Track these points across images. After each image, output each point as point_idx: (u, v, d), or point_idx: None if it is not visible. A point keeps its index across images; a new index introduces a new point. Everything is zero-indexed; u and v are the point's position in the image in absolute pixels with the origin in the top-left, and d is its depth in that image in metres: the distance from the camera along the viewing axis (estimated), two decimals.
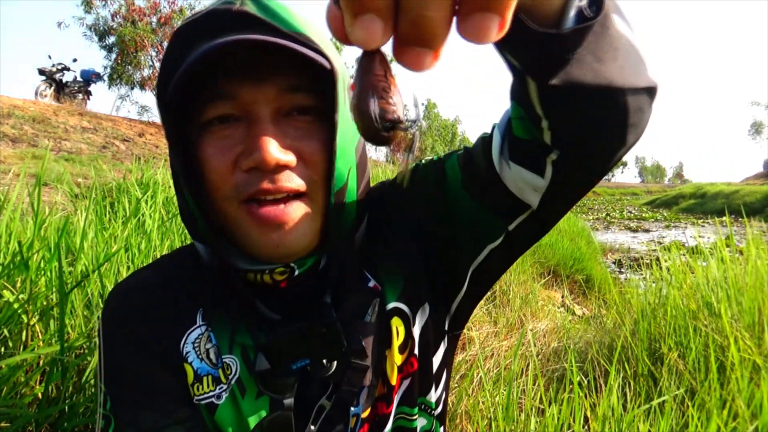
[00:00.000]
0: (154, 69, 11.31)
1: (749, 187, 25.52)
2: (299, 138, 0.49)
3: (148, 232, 1.48)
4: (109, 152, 7.68)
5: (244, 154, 0.47)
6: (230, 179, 0.48)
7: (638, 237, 11.56)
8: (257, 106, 0.47)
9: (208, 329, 0.54)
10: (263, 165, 0.46)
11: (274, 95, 0.47)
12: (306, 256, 0.52)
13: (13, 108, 7.79)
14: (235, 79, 0.47)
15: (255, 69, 0.47)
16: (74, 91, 10.84)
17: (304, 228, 0.49)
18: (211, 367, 0.53)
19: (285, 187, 0.47)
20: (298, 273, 0.52)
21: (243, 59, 0.46)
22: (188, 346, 0.53)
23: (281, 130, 0.48)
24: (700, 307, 1.85)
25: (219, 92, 0.47)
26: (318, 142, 0.49)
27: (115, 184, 2.55)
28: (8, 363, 0.85)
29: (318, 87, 0.49)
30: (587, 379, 1.69)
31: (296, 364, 0.50)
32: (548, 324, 2.50)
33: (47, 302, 1.02)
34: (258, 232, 0.48)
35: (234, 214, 0.49)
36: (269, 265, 0.51)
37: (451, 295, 0.60)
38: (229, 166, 0.47)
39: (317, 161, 0.49)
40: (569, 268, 4.87)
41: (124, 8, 10.89)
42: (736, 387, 1.34)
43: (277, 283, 0.52)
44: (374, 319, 0.55)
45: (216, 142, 0.48)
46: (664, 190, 51.78)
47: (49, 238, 1.15)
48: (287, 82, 0.48)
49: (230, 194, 0.48)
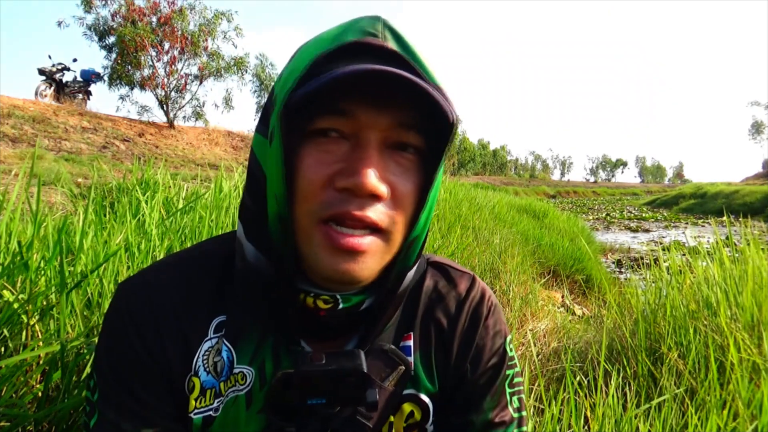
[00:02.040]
0: (153, 69, 11.31)
1: (749, 187, 25.52)
2: (397, 174, 0.49)
3: (148, 232, 1.48)
4: (109, 152, 7.68)
5: (342, 174, 0.46)
6: (320, 194, 0.47)
7: (638, 237, 11.57)
8: (370, 131, 0.47)
9: (220, 341, 0.53)
10: (359, 190, 0.45)
11: (388, 125, 0.47)
12: (354, 293, 0.52)
13: (13, 108, 7.80)
14: (353, 99, 0.47)
15: (375, 95, 0.47)
16: (74, 91, 10.85)
17: (374, 263, 0.49)
18: (215, 380, 0.53)
19: (369, 218, 0.47)
20: (342, 307, 0.52)
21: (368, 83, 0.45)
22: (200, 360, 0.53)
23: (383, 162, 0.48)
24: (699, 307, 1.85)
25: (337, 107, 0.47)
26: (413, 185, 0.50)
27: (115, 184, 2.55)
28: (8, 363, 0.85)
29: (430, 132, 0.50)
30: (587, 379, 1.69)
31: (312, 401, 0.49)
32: (548, 324, 2.50)
33: (47, 302, 1.02)
34: (329, 254, 0.47)
35: (310, 230, 0.48)
36: (320, 290, 0.51)
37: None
38: (324, 180, 0.47)
39: (406, 203, 0.49)
40: (569, 268, 4.87)
41: (124, 8, 10.88)
42: (736, 387, 1.34)
43: (318, 310, 0.52)
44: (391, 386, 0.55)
45: (318, 154, 0.47)
46: (664, 190, 51.79)
47: (48, 237, 1.15)
48: (404, 116, 0.48)
49: (315, 209, 0.47)
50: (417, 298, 0.61)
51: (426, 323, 0.61)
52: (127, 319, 0.52)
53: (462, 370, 0.60)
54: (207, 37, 11.75)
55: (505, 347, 0.63)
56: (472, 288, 0.64)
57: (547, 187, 55.00)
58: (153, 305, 0.53)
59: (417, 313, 0.61)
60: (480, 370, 0.61)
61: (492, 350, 0.62)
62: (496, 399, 0.61)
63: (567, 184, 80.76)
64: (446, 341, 0.60)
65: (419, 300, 0.61)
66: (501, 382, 0.61)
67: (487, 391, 0.60)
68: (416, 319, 0.60)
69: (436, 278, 0.64)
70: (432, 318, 0.61)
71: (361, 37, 0.48)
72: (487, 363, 0.61)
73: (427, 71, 0.49)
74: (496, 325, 0.63)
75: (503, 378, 0.62)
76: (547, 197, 34.65)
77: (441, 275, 0.64)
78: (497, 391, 0.61)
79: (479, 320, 0.62)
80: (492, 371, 0.61)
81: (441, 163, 0.50)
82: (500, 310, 0.65)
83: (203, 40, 11.71)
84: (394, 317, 0.58)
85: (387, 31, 0.49)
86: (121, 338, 0.52)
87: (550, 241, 5.45)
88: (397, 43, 0.49)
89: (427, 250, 0.74)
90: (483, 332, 0.62)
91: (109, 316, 0.54)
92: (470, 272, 0.66)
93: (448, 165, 48.17)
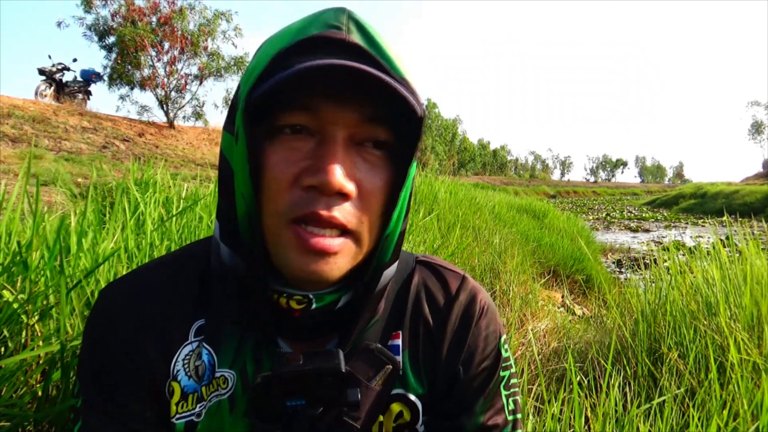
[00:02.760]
0: (153, 69, 11.31)
1: (749, 187, 25.52)
2: (365, 171, 0.48)
3: (148, 233, 1.48)
4: (109, 152, 7.68)
5: (308, 171, 0.45)
6: (287, 193, 0.46)
7: (638, 237, 11.57)
8: (335, 126, 0.46)
9: (200, 345, 0.53)
10: (325, 188, 0.44)
11: (354, 121, 0.46)
12: (327, 292, 0.51)
13: (13, 108, 7.79)
14: (317, 94, 0.46)
15: (339, 90, 0.45)
16: (74, 91, 10.84)
17: (345, 263, 0.48)
18: (197, 384, 0.52)
19: (337, 219, 0.46)
20: (315, 307, 0.51)
21: (331, 78, 0.44)
22: (179, 363, 0.52)
23: (350, 158, 0.47)
24: (700, 307, 1.85)
25: (299, 102, 0.46)
26: (382, 181, 0.49)
27: (115, 184, 2.55)
28: (8, 363, 0.85)
29: (397, 127, 0.48)
30: (587, 379, 1.69)
31: (292, 402, 0.48)
32: (548, 324, 2.50)
33: (47, 302, 1.02)
34: (299, 254, 0.46)
35: (279, 230, 0.47)
36: (292, 289, 0.50)
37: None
38: (291, 179, 0.46)
39: (375, 200, 0.48)
40: (569, 268, 4.87)
41: (124, 8, 10.87)
42: (736, 387, 1.34)
43: (292, 310, 0.51)
44: (378, 385, 0.54)
45: (283, 152, 0.46)
46: (664, 190, 51.77)
47: (48, 237, 1.15)
48: (370, 111, 0.47)
49: (283, 210, 0.46)
50: (405, 296, 0.60)
51: (415, 322, 0.59)
52: (108, 324, 0.52)
53: (453, 372, 0.59)
54: (207, 37, 11.75)
55: (500, 348, 0.61)
56: (463, 287, 0.62)
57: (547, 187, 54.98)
58: (133, 310, 0.52)
59: (405, 311, 0.59)
60: (472, 372, 0.59)
61: (485, 351, 0.60)
62: (489, 401, 0.59)
63: (567, 184, 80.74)
64: (435, 341, 0.59)
65: (407, 298, 0.60)
66: (495, 385, 0.60)
67: (480, 394, 0.59)
68: (405, 318, 0.59)
69: (424, 276, 0.62)
70: (421, 316, 0.59)
71: (323, 31, 0.46)
72: (480, 365, 0.59)
73: (392, 64, 0.47)
74: (489, 325, 0.61)
75: (497, 380, 0.60)
76: (547, 197, 34.65)
77: (430, 273, 0.63)
78: (490, 393, 0.59)
79: (471, 320, 0.60)
80: (485, 373, 0.59)
81: (412, 159, 0.48)
82: (494, 310, 0.63)
83: (203, 40, 11.71)
84: (378, 315, 0.57)
85: (352, 24, 0.47)
86: (103, 343, 0.52)
87: (550, 241, 5.45)
88: (362, 35, 0.47)
89: (427, 250, 0.74)
90: (475, 332, 0.60)
91: (90, 321, 0.53)
92: (461, 271, 0.64)
93: (448, 165, 47.98)
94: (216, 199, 0.52)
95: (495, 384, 0.60)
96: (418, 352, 0.58)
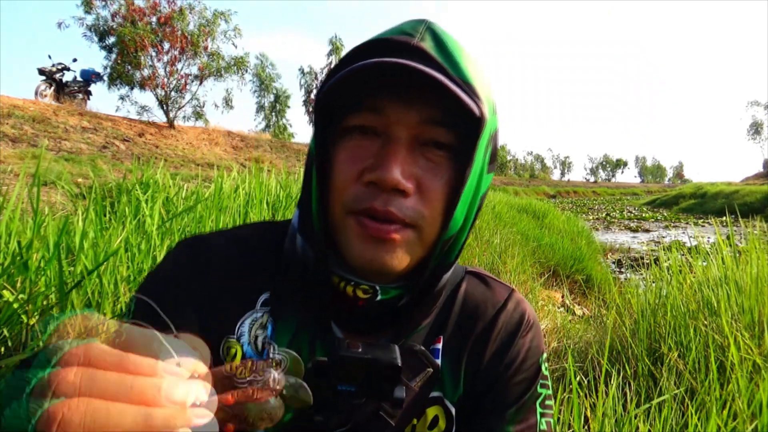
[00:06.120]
0: (153, 69, 11.31)
1: (749, 187, 25.53)
2: (426, 170, 0.50)
3: (148, 232, 1.48)
4: (109, 152, 7.68)
5: (370, 168, 0.48)
6: (352, 189, 0.49)
7: (638, 237, 11.57)
8: (398, 126, 0.48)
9: (265, 316, 0.55)
10: (382, 183, 0.47)
11: (416, 122, 0.48)
12: (393, 286, 0.53)
13: (13, 108, 7.79)
14: (382, 95, 0.48)
15: (401, 90, 0.48)
16: (74, 91, 10.85)
17: (404, 253, 0.50)
18: (255, 354, 0.53)
19: (393, 213, 0.48)
20: (380, 299, 0.53)
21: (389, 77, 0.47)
22: (244, 326, 0.54)
23: (412, 158, 0.49)
24: (700, 306, 1.85)
25: (366, 104, 0.49)
26: (442, 180, 0.50)
27: (115, 184, 2.55)
28: (8, 363, 0.85)
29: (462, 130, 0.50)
30: (587, 379, 1.69)
31: (343, 387, 0.48)
32: (548, 324, 2.50)
33: (47, 302, 1.02)
34: (360, 242, 0.49)
35: (343, 221, 0.50)
36: (360, 279, 0.52)
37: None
38: (355, 175, 0.49)
39: (434, 200, 0.50)
40: (569, 268, 4.87)
41: (124, 8, 10.87)
42: (736, 387, 1.34)
43: (357, 299, 0.53)
44: (417, 387, 0.55)
45: (350, 150, 0.50)
46: (664, 190, 51.75)
47: (48, 237, 1.15)
48: (432, 113, 0.48)
49: (347, 202, 0.49)
50: (452, 303, 0.61)
51: (458, 328, 0.60)
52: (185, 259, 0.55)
53: (491, 381, 0.59)
54: (207, 37, 11.75)
55: (540, 364, 0.61)
56: (510, 299, 0.63)
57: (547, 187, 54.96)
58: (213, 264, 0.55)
59: (450, 317, 0.60)
60: (510, 382, 0.59)
61: (525, 364, 0.60)
62: (522, 413, 0.58)
63: (567, 184, 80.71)
64: (478, 348, 0.59)
65: (453, 305, 0.61)
66: (530, 399, 0.59)
67: (514, 404, 0.58)
68: (449, 324, 0.60)
69: (473, 285, 0.63)
70: (465, 324, 0.60)
71: (396, 35, 0.49)
72: (518, 376, 0.59)
73: (458, 68, 0.49)
74: (533, 340, 0.62)
75: (534, 395, 0.60)
76: (547, 197, 34.63)
77: (479, 282, 0.64)
78: (524, 405, 0.59)
79: (516, 332, 0.61)
80: (523, 385, 0.59)
81: (472, 161, 0.49)
82: (539, 327, 0.64)
83: (203, 40, 11.71)
84: (430, 318, 0.58)
85: (427, 32, 0.50)
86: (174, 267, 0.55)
87: (550, 241, 5.45)
88: (433, 41, 0.49)
89: None
90: (519, 344, 0.60)
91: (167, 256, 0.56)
92: (510, 285, 0.66)
93: None
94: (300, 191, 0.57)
95: (531, 398, 0.60)
96: (459, 359, 0.59)
